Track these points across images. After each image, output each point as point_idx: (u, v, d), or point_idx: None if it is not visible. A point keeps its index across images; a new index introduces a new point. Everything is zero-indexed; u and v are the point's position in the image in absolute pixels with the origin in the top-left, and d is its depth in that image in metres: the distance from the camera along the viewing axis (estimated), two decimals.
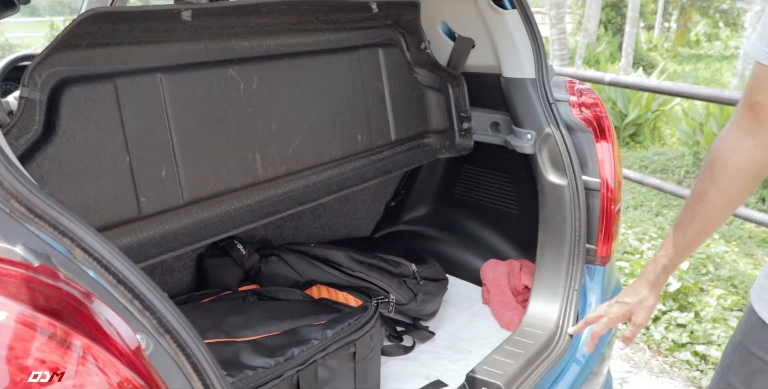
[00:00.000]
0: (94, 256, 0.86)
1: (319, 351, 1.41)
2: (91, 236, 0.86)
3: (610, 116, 5.93)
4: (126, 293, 0.86)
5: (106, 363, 0.77)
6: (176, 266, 1.65)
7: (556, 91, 1.86)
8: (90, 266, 0.86)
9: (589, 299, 1.89)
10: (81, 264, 0.85)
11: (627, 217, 4.86)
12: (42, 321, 0.73)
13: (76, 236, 0.85)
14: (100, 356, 0.77)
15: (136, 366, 0.80)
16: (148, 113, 1.31)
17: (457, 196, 2.30)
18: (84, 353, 0.76)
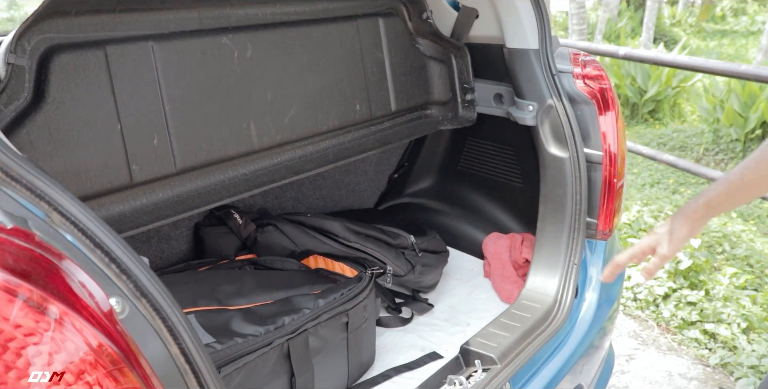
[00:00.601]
0: (71, 220, 0.86)
1: (310, 321, 1.42)
2: (67, 201, 0.86)
3: (629, 92, 5.90)
4: (103, 256, 0.87)
5: (80, 328, 0.78)
6: (173, 234, 1.66)
7: (560, 62, 1.83)
8: (67, 230, 0.86)
9: (589, 273, 1.88)
10: (58, 228, 0.86)
11: (643, 194, 4.81)
12: (13, 283, 0.74)
13: (53, 200, 0.85)
14: (74, 321, 0.78)
15: (109, 331, 0.81)
16: (139, 81, 1.30)
17: (461, 169, 2.29)
18: (57, 317, 0.77)
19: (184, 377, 0.90)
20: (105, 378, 0.78)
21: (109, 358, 0.80)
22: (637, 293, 3.37)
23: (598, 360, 1.98)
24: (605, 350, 2.06)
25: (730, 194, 1.17)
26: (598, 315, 1.86)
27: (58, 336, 0.77)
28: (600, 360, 2.01)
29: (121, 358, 0.80)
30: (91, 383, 0.77)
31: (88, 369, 0.77)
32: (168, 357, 0.89)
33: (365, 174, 2.20)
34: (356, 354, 1.58)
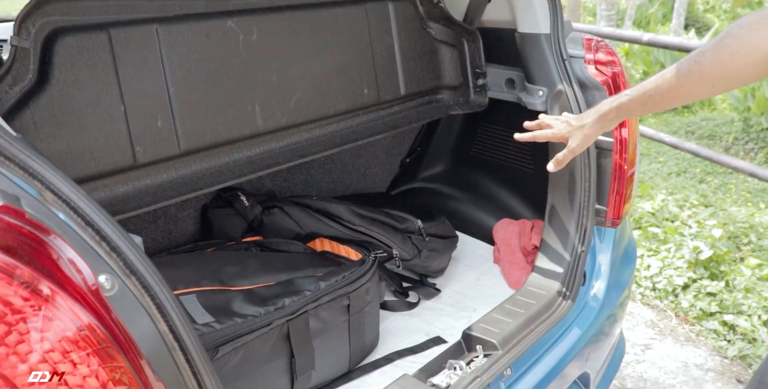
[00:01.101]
0: (63, 198, 0.88)
1: (311, 302, 1.43)
2: (59, 180, 0.88)
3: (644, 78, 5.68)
4: (94, 235, 0.88)
5: (66, 306, 0.80)
6: (180, 215, 1.68)
7: (572, 47, 1.80)
8: (60, 209, 0.88)
9: (598, 260, 1.86)
10: (51, 206, 0.88)
11: (669, 183, 4.73)
12: (2, 260, 0.76)
13: (45, 179, 0.87)
14: (61, 298, 0.80)
15: (95, 309, 0.82)
16: (143, 64, 1.32)
17: (474, 154, 2.28)
18: (45, 294, 0.79)
19: (173, 354, 0.92)
20: (90, 357, 0.81)
21: (96, 337, 0.82)
22: (656, 282, 3.33)
23: (606, 347, 1.97)
24: (615, 337, 2.05)
25: (642, 102, 1.24)
26: (606, 302, 1.84)
27: (45, 314, 0.79)
28: (609, 347, 2.00)
29: (107, 337, 0.82)
30: (75, 361, 0.79)
31: (74, 348, 0.79)
32: (156, 334, 0.91)
33: (376, 158, 2.20)
34: (358, 337, 1.59)
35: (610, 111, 1.32)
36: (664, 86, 1.17)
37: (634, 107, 1.26)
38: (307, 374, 1.47)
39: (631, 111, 1.29)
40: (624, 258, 1.95)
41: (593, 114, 1.36)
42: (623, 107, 1.28)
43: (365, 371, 1.63)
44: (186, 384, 0.94)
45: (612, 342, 2.02)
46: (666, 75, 1.17)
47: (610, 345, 2.01)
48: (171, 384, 0.91)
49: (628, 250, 2.00)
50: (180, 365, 0.93)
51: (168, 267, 1.47)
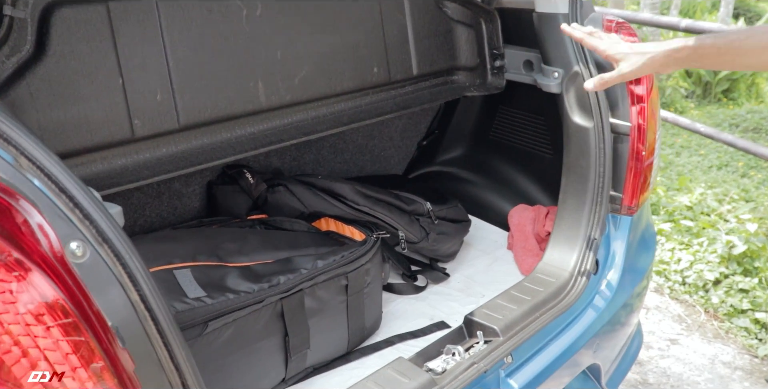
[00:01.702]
0: (38, 165, 0.88)
1: (306, 280, 1.42)
2: (33, 146, 0.88)
3: (701, 70, 5.57)
4: (67, 201, 0.88)
5: (31, 275, 0.80)
6: (185, 191, 1.69)
7: (591, 28, 1.74)
8: (34, 175, 0.88)
9: (612, 248, 1.80)
10: (26, 172, 0.88)
11: (709, 177, 4.58)
12: None
13: (19, 145, 0.87)
14: (26, 266, 0.80)
15: (61, 278, 0.82)
16: (142, 38, 1.32)
17: (492, 138, 2.23)
18: (8, 261, 0.79)
19: (144, 324, 0.92)
20: (54, 330, 0.81)
21: (61, 308, 0.82)
22: (686, 277, 3.23)
23: (620, 339, 1.91)
24: (631, 329, 1.99)
25: (723, 51, 1.14)
26: (620, 292, 1.79)
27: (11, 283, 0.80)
28: (624, 339, 1.94)
29: (70, 308, 0.82)
30: (35, 334, 0.79)
31: (38, 318, 0.79)
32: (128, 303, 0.90)
33: (390, 140, 2.17)
34: (357, 319, 1.57)
35: (684, 48, 1.18)
36: (751, 41, 1.09)
37: (709, 54, 1.15)
38: (302, 353, 1.47)
39: (704, 58, 1.17)
40: (641, 246, 1.89)
41: (661, 45, 1.23)
42: (701, 50, 1.16)
43: (364, 353, 1.62)
44: (158, 354, 0.94)
45: (627, 334, 1.96)
46: (759, 30, 1.09)
47: (625, 336, 1.95)
48: (140, 355, 0.91)
49: (645, 237, 1.93)
50: (151, 335, 0.93)
51: (167, 241, 1.47)
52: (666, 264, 3.37)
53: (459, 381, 1.37)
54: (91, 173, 1.30)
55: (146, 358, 0.92)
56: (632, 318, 1.96)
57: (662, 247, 3.51)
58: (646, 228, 1.94)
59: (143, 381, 0.92)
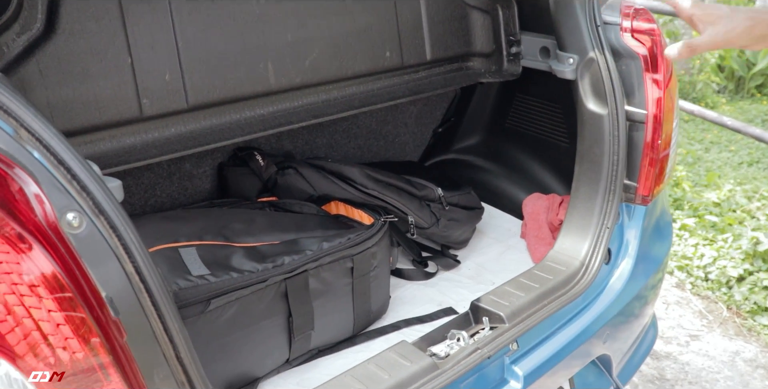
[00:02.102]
0: (36, 136, 0.89)
1: (311, 262, 1.42)
2: (32, 119, 0.89)
3: (735, 64, 5.46)
4: (65, 173, 0.89)
5: (27, 245, 0.81)
6: (195, 172, 1.70)
7: (608, 14, 1.71)
8: (34, 147, 0.90)
9: (626, 238, 1.77)
10: (26, 144, 0.89)
11: (738, 173, 4.48)
12: None
13: (19, 117, 0.89)
14: (21, 234, 0.81)
15: (55, 248, 0.83)
16: (152, 18, 1.33)
17: (509, 126, 2.21)
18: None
19: (138, 296, 0.93)
20: (49, 301, 0.82)
21: (55, 280, 0.83)
22: (709, 273, 3.17)
23: (633, 330, 1.89)
24: (645, 320, 1.96)
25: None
26: (632, 283, 1.76)
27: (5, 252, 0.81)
28: (638, 330, 1.92)
29: (66, 282, 0.83)
30: (27, 305, 0.80)
31: (33, 289, 0.81)
32: (123, 275, 0.92)
33: (405, 126, 2.16)
34: (363, 302, 1.58)
35: None
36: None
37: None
38: (305, 334, 1.47)
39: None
40: (656, 235, 1.86)
41: (747, 11, 1.10)
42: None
43: (370, 337, 1.62)
44: (151, 326, 0.95)
45: (641, 325, 1.93)
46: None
47: (639, 327, 1.92)
48: (133, 326, 0.92)
49: (661, 225, 1.90)
50: (145, 307, 0.94)
51: (175, 220, 1.49)
52: (689, 260, 3.31)
53: (461, 366, 1.36)
54: (100, 151, 1.32)
55: (139, 329, 0.94)
56: (646, 310, 1.93)
57: (685, 242, 3.45)
58: (661, 216, 1.91)
59: (136, 353, 0.93)
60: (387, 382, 1.28)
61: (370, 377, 1.29)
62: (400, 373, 1.31)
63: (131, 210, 1.60)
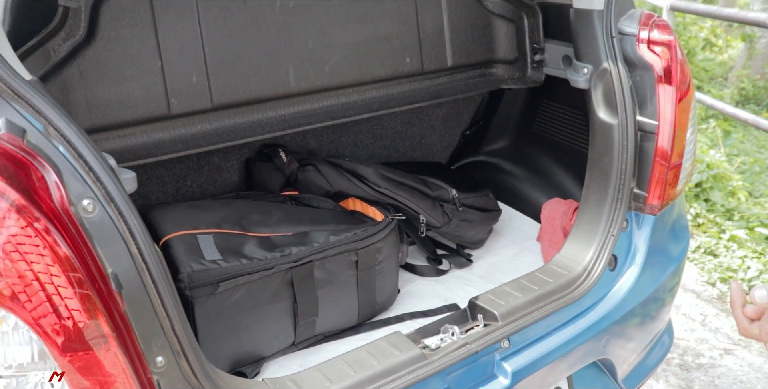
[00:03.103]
0: (61, 133, 1.05)
1: (316, 253, 1.54)
2: (58, 118, 1.04)
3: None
4: (84, 165, 1.05)
5: (43, 227, 0.96)
6: (224, 166, 1.85)
7: (627, 24, 1.74)
8: (60, 142, 1.05)
9: (633, 246, 1.80)
10: (53, 140, 1.05)
11: None
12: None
13: (47, 116, 1.04)
14: (38, 217, 0.96)
15: (67, 228, 0.98)
16: (181, 25, 1.47)
17: (535, 131, 2.26)
18: (22, 212, 0.95)
19: (141, 274, 1.07)
20: (59, 278, 0.96)
21: (67, 259, 0.97)
22: (752, 286, 3.10)
23: (641, 337, 1.92)
24: (657, 328, 1.98)
25: None
26: (638, 290, 1.79)
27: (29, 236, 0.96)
28: (647, 335, 1.94)
29: (73, 257, 0.97)
30: (43, 281, 0.95)
31: (48, 267, 0.95)
32: (128, 254, 1.06)
33: (432, 128, 2.25)
34: (368, 293, 1.68)
35: None
36: None
37: None
38: (310, 320, 1.59)
39: None
40: (670, 240, 1.88)
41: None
42: None
43: (374, 327, 1.73)
44: (151, 300, 1.09)
45: (651, 331, 1.96)
46: None
47: (649, 333, 1.95)
48: (134, 300, 1.06)
49: (676, 229, 1.92)
50: (146, 284, 1.08)
51: (199, 209, 1.64)
52: (733, 272, 3.25)
53: (449, 359, 1.45)
54: (132, 144, 1.48)
55: (140, 303, 1.08)
56: (657, 316, 1.95)
57: (732, 254, 3.38)
58: (677, 220, 1.93)
59: (135, 323, 1.07)
60: (375, 368, 1.39)
61: (360, 362, 1.40)
62: (389, 361, 1.41)
63: (164, 198, 1.77)
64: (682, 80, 1.71)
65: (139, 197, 1.72)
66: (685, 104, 1.73)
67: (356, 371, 1.38)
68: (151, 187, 1.72)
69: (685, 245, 1.99)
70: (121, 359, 1.03)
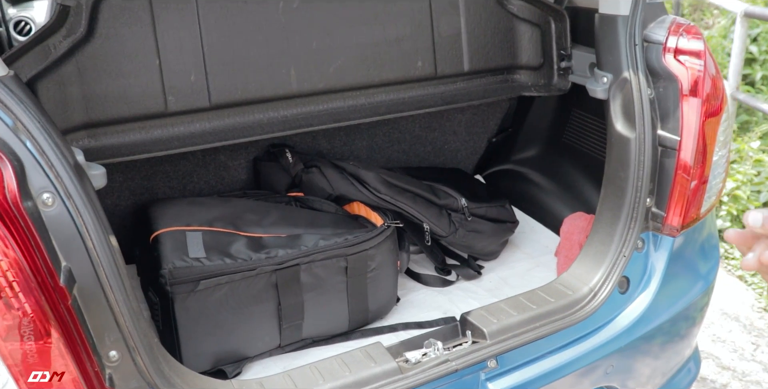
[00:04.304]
0: (28, 129, 1.07)
1: (303, 257, 1.52)
2: (23, 114, 1.07)
3: None
4: (47, 160, 1.07)
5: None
6: (231, 164, 1.86)
7: (656, 31, 1.62)
8: (27, 137, 1.08)
9: (649, 268, 1.68)
10: (21, 134, 1.08)
11: None
12: None
13: (14, 113, 1.07)
14: None
15: (12, 220, 1.00)
16: (180, 24, 1.49)
17: (565, 141, 2.15)
18: None
19: (96, 269, 1.09)
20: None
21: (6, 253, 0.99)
22: None
23: (656, 365, 1.80)
24: (679, 356, 1.86)
25: None
26: (651, 316, 1.68)
27: None
28: (664, 364, 1.82)
29: (15, 251, 0.99)
30: None
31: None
32: (83, 249, 1.08)
33: (454, 134, 2.18)
34: (359, 301, 1.65)
35: None
36: None
37: None
38: (295, 323, 1.58)
39: None
40: (696, 264, 1.76)
41: None
42: None
43: (365, 335, 1.69)
44: (105, 294, 1.10)
45: (671, 360, 1.83)
46: None
47: (668, 362, 1.83)
48: (89, 294, 1.08)
49: (705, 249, 1.79)
50: (101, 278, 1.10)
51: (196, 206, 1.65)
52: None
53: (426, 375, 1.40)
54: (130, 140, 1.52)
55: (94, 297, 1.10)
56: (680, 343, 1.83)
57: None
58: (707, 239, 1.80)
59: (89, 317, 1.09)
60: (345, 378, 1.36)
61: (332, 371, 1.37)
62: (362, 372, 1.37)
63: (171, 193, 1.80)
64: (712, 95, 1.58)
65: (146, 191, 1.76)
66: (715, 120, 1.60)
67: (326, 380, 1.36)
68: (156, 182, 1.76)
69: (712, 266, 1.85)
70: (63, 350, 1.05)
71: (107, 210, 1.76)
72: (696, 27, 1.63)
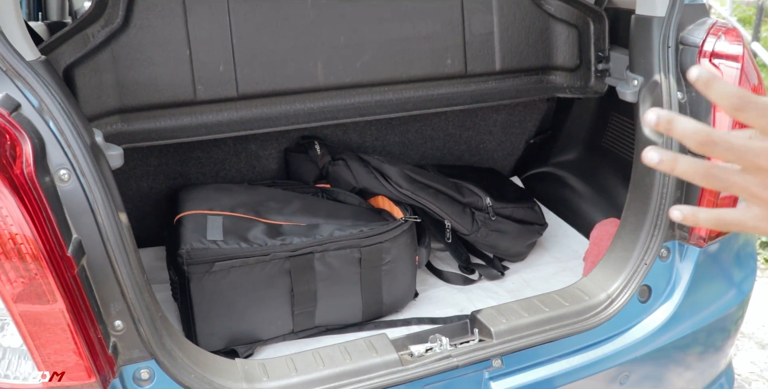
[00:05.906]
0: (50, 111, 1.16)
1: (316, 245, 1.56)
2: (46, 96, 1.15)
3: None
4: (65, 140, 1.15)
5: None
6: (262, 154, 1.92)
7: (694, 34, 1.57)
8: (50, 117, 1.17)
9: (674, 278, 1.63)
10: (45, 115, 1.17)
11: None
12: None
13: (38, 94, 1.16)
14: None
15: (26, 192, 1.08)
16: (211, 17, 1.56)
17: (604, 146, 2.10)
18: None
19: (105, 242, 1.16)
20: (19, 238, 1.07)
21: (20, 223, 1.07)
22: None
23: (719, 361, 1.78)
24: (708, 370, 1.79)
25: None
26: (673, 327, 1.62)
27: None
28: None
29: (28, 221, 1.07)
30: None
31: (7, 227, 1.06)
32: (94, 223, 1.15)
33: (490, 134, 2.16)
34: (373, 292, 1.67)
35: None
36: None
37: None
38: (307, 310, 1.62)
39: None
40: (730, 274, 1.70)
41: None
42: None
43: (378, 326, 1.71)
44: (113, 266, 1.17)
45: (701, 373, 1.77)
46: None
47: (694, 375, 1.76)
48: (97, 265, 1.16)
49: (741, 257, 1.72)
50: (109, 251, 1.17)
51: (223, 192, 1.72)
52: None
53: (426, 369, 1.41)
54: (161, 126, 1.60)
55: (102, 269, 1.17)
56: (711, 357, 1.76)
57: None
58: (743, 247, 1.73)
59: (96, 287, 1.17)
60: (345, 366, 1.39)
61: (333, 358, 1.41)
62: (362, 361, 1.40)
63: (203, 179, 1.88)
64: None
65: (179, 176, 1.84)
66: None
67: (326, 366, 1.39)
68: (190, 168, 1.84)
69: (747, 275, 1.77)
70: (67, 316, 1.12)
71: (144, 192, 1.87)
72: (736, 30, 1.57)
